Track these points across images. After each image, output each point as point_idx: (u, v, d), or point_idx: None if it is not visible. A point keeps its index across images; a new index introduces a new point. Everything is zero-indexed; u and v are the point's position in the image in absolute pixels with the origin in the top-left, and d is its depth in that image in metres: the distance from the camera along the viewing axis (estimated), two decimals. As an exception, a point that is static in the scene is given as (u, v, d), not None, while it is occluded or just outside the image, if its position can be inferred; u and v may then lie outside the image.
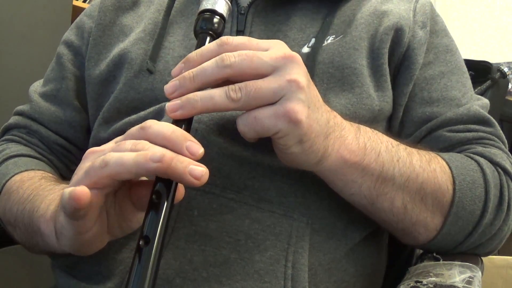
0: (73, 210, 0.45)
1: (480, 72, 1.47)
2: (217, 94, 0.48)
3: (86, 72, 0.74)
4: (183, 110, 0.48)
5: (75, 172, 0.49)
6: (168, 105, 0.48)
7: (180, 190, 0.47)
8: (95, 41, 0.75)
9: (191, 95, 0.48)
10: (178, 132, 0.46)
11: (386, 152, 0.58)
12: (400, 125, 0.70)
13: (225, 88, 0.48)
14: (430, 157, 0.61)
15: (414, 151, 0.61)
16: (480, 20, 3.05)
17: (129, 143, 0.46)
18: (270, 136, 0.50)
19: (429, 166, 0.60)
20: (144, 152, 0.44)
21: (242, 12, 0.70)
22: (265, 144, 0.54)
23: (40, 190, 0.62)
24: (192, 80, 0.49)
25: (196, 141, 0.46)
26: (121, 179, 0.46)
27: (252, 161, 0.60)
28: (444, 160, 0.62)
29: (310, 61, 0.64)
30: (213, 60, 0.49)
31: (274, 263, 0.57)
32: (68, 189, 0.44)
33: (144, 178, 0.48)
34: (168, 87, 0.49)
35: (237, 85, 0.48)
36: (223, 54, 0.48)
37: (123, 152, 0.45)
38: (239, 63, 0.48)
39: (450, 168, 0.61)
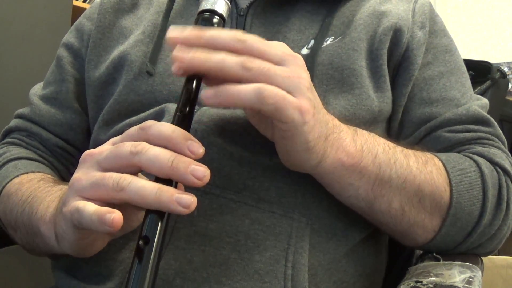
0: (102, 231, 0.44)
1: (480, 72, 1.47)
2: (230, 57, 0.47)
3: (86, 75, 0.75)
4: (190, 61, 0.47)
5: (74, 175, 0.48)
6: (176, 51, 0.47)
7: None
8: (94, 43, 0.75)
9: (203, 51, 0.47)
10: (178, 132, 0.46)
11: (383, 154, 0.58)
12: (399, 125, 0.70)
13: (239, 56, 0.47)
14: (427, 159, 0.61)
15: (410, 153, 0.61)
16: (480, 20, 3.05)
17: (128, 145, 0.46)
18: (276, 126, 0.50)
19: (425, 168, 0.60)
20: (168, 191, 0.44)
21: (241, 13, 0.70)
22: (265, 144, 0.54)
23: (38, 192, 0.62)
24: (201, 38, 0.47)
25: (196, 140, 0.46)
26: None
27: (252, 161, 0.60)
28: (441, 161, 0.62)
29: (310, 63, 0.64)
30: (230, 32, 0.48)
31: (274, 263, 0.57)
32: (97, 211, 0.44)
33: (142, 177, 0.48)
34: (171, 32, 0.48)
35: (252, 57, 0.47)
36: (239, 32, 0.48)
37: (143, 182, 0.44)
38: (253, 42, 0.48)
39: (446, 169, 0.61)
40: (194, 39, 0.47)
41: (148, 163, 0.45)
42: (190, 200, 0.44)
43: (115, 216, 0.43)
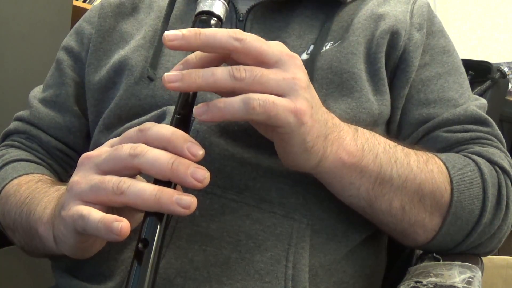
0: (108, 239, 0.44)
1: (480, 72, 1.47)
2: (219, 70, 0.46)
3: (86, 78, 0.75)
4: (182, 83, 0.46)
5: (72, 178, 0.48)
6: (167, 74, 0.47)
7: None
8: (95, 47, 0.75)
9: (193, 70, 0.47)
10: (178, 134, 0.46)
11: (384, 153, 0.58)
12: (397, 127, 0.70)
13: (229, 67, 0.46)
14: (427, 158, 0.61)
15: (411, 152, 0.61)
16: (480, 20, 3.06)
17: (127, 147, 0.46)
18: (274, 130, 0.50)
19: (426, 167, 0.60)
20: (168, 192, 0.43)
21: (241, 18, 0.70)
22: (266, 145, 0.54)
23: (36, 193, 0.62)
24: (197, 38, 0.47)
25: (196, 142, 0.46)
26: None
27: (253, 162, 0.60)
28: (441, 160, 0.62)
29: (309, 68, 0.64)
30: (227, 30, 0.47)
31: (275, 263, 0.57)
32: (103, 219, 0.44)
33: (140, 178, 0.48)
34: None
35: (241, 66, 0.46)
36: (237, 30, 0.48)
37: (143, 185, 0.44)
38: (250, 41, 0.47)
39: (447, 168, 0.61)
40: (191, 38, 0.47)
41: (147, 166, 0.45)
42: (190, 201, 0.44)
43: (123, 224, 0.43)
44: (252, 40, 0.47)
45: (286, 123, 0.47)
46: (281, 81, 0.47)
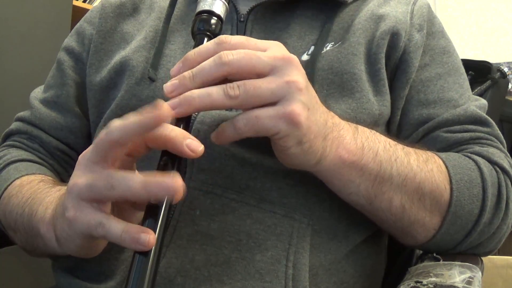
0: (132, 249, 0.44)
1: (480, 72, 1.47)
2: (215, 91, 0.48)
3: (87, 79, 0.75)
4: (180, 108, 0.48)
5: (71, 179, 0.48)
6: (164, 104, 0.48)
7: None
8: (96, 47, 0.75)
9: (188, 93, 0.48)
10: (177, 131, 0.46)
11: (384, 152, 0.58)
12: (397, 128, 0.70)
13: (223, 85, 0.48)
14: (427, 157, 0.61)
15: (411, 150, 0.61)
16: (480, 20, 3.06)
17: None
18: (269, 137, 0.50)
19: (426, 166, 0.60)
20: (156, 180, 0.43)
21: (242, 19, 0.70)
22: (267, 145, 0.54)
23: (38, 193, 0.62)
24: (191, 79, 0.49)
25: (195, 138, 0.46)
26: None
27: (253, 162, 0.60)
28: (441, 159, 0.62)
29: (310, 68, 0.64)
30: (211, 58, 0.49)
31: (275, 262, 0.57)
32: (127, 231, 0.44)
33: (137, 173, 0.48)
34: (167, 86, 0.49)
35: (235, 83, 0.48)
36: (221, 52, 0.48)
37: (131, 175, 0.44)
38: (238, 60, 0.48)
39: (447, 167, 0.61)
40: (186, 83, 0.49)
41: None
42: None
43: (151, 237, 0.43)
44: (239, 59, 0.48)
45: (276, 130, 0.48)
46: (274, 89, 0.48)
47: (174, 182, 0.43)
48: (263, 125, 0.48)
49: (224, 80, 0.49)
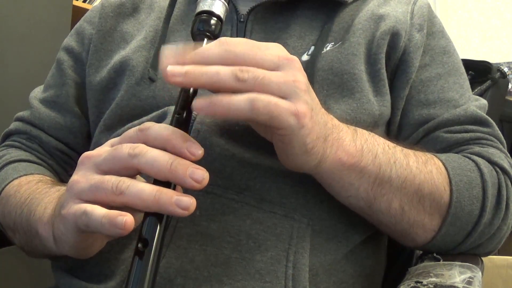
0: (111, 234, 0.44)
1: (480, 72, 1.47)
2: (223, 70, 0.46)
3: (87, 79, 0.75)
4: (185, 78, 0.45)
5: (72, 177, 0.48)
6: (171, 68, 0.46)
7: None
8: (96, 47, 0.75)
9: (197, 66, 0.46)
10: (177, 133, 0.46)
11: (383, 154, 0.58)
12: (397, 128, 0.70)
13: (232, 67, 0.46)
14: (427, 159, 0.61)
15: (410, 152, 0.61)
16: (480, 20, 3.06)
17: (126, 147, 0.46)
18: (274, 132, 0.50)
19: (425, 168, 0.60)
20: (168, 193, 0.44)
21: (242, 20, 0.70)
22: (267, 145, 0.54)
23: (37, 194, 0.62)
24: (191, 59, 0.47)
25: (195, 141, 0.46)
26: None
27: (253, 162, 0.60)
28: (441, 161, 0.62)
29: (310, 69, 0.64)
30: (217, 54, 0.47)
31: (275, 263, 0.57)
32: (107, 215, 0.44)
33: (140, 179, 0.48)
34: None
35: (244, 67, 0.46)
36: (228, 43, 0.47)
37: (142, 185, 0.44)
38: (244, 52, 0.47)
39: (446, 169, 0.61)
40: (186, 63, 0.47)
41: (146, 166, 0.45)
42: (189, 202, 0.44)
43: (127, 219, 0.43)
44: (246, 51, 0.47)
45: (287, 125, 0.47)
46: (282, 84, 0.47)
47: (191, 201, 0.43)
48: (279, 115, 0.46)
49: None
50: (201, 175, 0.44)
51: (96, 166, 0.47)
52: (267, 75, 0.46)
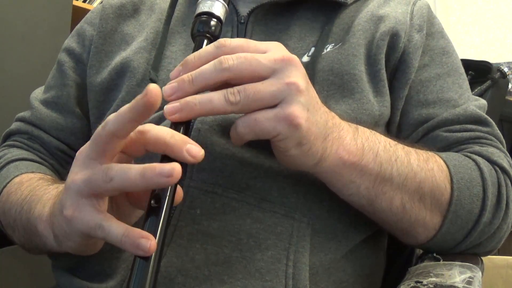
0: (131, 253, 0.44)
1: (480, 72, 1.47)
2: (216, 97, 0.48)
3: (88, 80, 0.75)
4: (181, 113, 0.48)
5: (69, 175, 0.48)
6: (167, 107, 0.48)
7: (179, 193, 0.47)
8: (96, 49, 0.75)
9: (189, 98, 0.48)
10: (177, 136, 0.46)
11: (384, 152, 0.58)
12: (397, 128, 0.70)
13: (224, 91, 0.48)
14: (428, 156, 0.61)
15: (411, 150, 0.61)
16: (480, 20, 3.06)
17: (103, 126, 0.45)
18: (269, 139, 0.50)
19: (426, 165, 0.60)
20: (151, 166, 0.43)
21: (242, 21, 0.70)
22: (267, 145, 0.54)
23: (37, 191, 0.62)
24: (190, 83, 0.49)
25: (195, 143, 0.46)
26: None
27: (254, 161, 0.60)
28: (442, 158, 0.62)
29: (310, 70, 0.64)
30: (211, 63, 0.49)
31: (276, 262, 0.57)
32: (128, 234, 0.43)
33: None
34: (166, 89, 0.49)
35: (235, 88, 0.47)
36: (222, 57, 0.48)
37: (128, 165, 0.44)
38: (238, 65, 0.48)
39: (447, 166, 0.61)
40: (186, 87, 0.48)
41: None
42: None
43: (152, 243, 0.43)
44: (239, 64, 0.48)
45: (276, 133, 0.49)
46: (275, 91, 0.48)
47: (172, 167, 0.43)
48: (262, 128, 0.48)
49: (225, 83, 0.49)
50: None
51: (88, 157, 0.47)
52: (258, 89, 0.48)
